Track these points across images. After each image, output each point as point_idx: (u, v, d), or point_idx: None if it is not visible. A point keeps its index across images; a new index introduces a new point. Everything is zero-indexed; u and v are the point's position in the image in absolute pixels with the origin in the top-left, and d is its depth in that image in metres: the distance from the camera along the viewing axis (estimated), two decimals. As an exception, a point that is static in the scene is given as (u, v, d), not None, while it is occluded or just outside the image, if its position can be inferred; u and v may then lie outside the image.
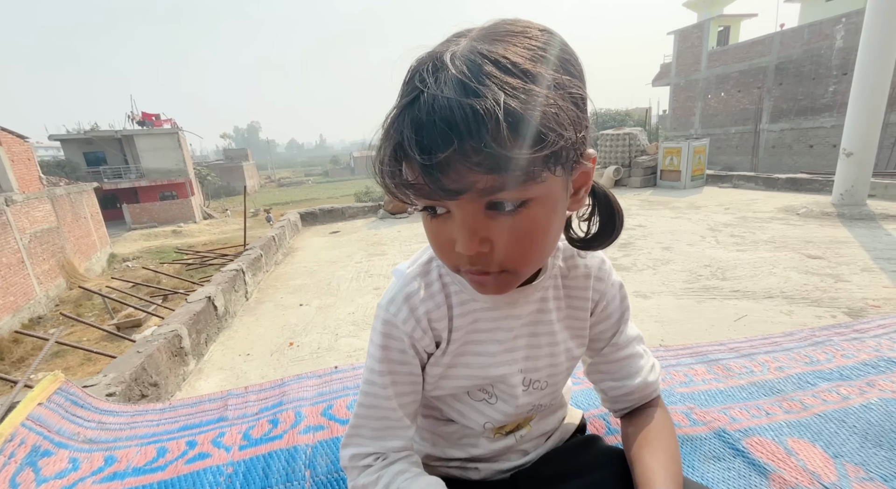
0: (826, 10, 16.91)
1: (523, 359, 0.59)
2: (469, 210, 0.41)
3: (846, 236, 3.03)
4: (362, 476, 0.57)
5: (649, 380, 0.65)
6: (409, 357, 0.57)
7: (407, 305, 0.55)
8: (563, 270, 0.60)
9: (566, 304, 0.60)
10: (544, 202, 0.42)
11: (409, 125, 0.38)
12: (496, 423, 0.63)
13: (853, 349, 1.51)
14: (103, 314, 9.79)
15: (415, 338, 0.56)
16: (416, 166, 0.38)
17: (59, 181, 16.41)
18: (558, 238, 0.49)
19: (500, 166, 0.37)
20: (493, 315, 0.56)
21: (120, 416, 1.12)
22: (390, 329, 0.56)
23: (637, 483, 0.55)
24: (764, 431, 1.10)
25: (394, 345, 0.56)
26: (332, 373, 1.31)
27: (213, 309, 2.12)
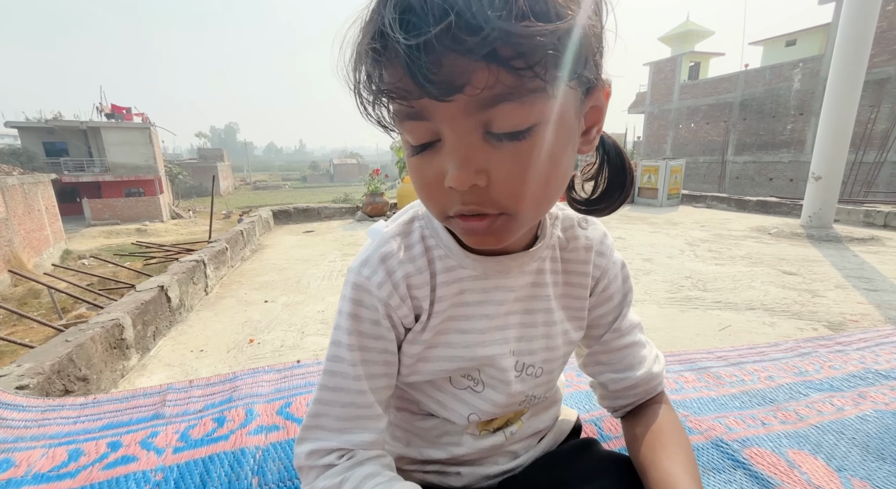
0: (786, 54, 18.23)
1: (516, 340, 0.51)
2: (464, 130, 0.33)
3: (817, 255, 3.11)
4: (322, 478, 0.44)
5: (654, 372, 0.57)
6: (384, 330, 0.46)
7: (383, 267, 0.46)
8: (562, 241, 0.52)
9: (563, 280, 0.52)
10: (555, 128, 0.34)
11: (392, 8, 0.29)
12: (483, 416, 0.52)
13: (840, 361, 1.49)
14: (51, 314, 9.07)
15: (391, 305, 0.45)
16: (400, 56, 0.29)
17: (13, 170, 15.38)
18: (567, 181, 0.40)
19: (506, 52, 0.29)
20: (483, 285, 0.48)
21: (27, 412, 0.93)
22: (362, 294, 0.45)
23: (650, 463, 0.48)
24: (762, 442, 1.03)
25: (366, 315, 0.46)
26: (293, 368, 1.16)
27: (165, 300, 1.92)
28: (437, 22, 0.28)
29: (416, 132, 0.35)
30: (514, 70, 0.30)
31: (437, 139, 0.35)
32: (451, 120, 0.33)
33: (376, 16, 0.31)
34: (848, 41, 3.45)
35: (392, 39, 0.29)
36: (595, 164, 0.49)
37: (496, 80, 0.30)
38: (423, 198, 0.40)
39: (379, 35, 0.30)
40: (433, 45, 0.28)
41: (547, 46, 0.29)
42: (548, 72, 0.31)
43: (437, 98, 0.31)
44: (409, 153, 0.38)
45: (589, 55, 0.34)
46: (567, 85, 0.33)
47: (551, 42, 0.30)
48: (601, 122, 0.41)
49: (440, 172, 0.35)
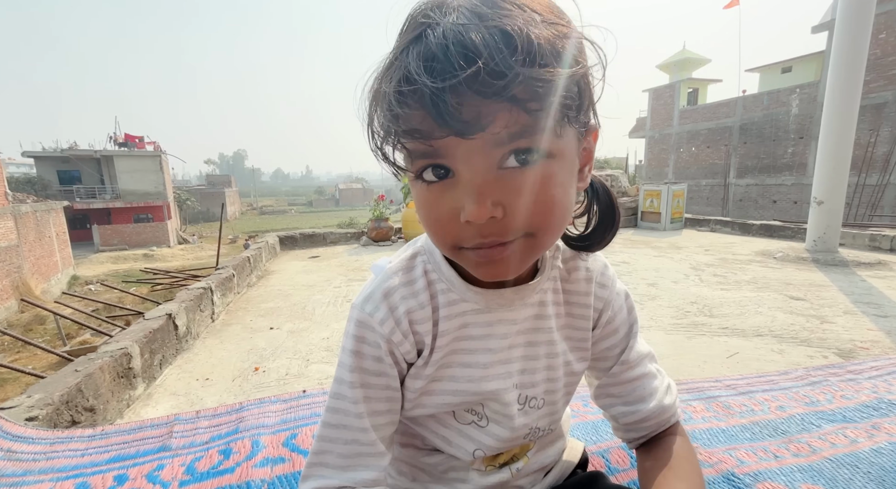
0: (782, 80, 18.62)
1: (519, 373, 0.51)
2: (480, 166, 0.35)
3: (824, 280, 3.09)
4: None
5: (665, 404, 0.56)
6: (386, 366, 0.47)
7: (386, 303, 0.47)
8: (563, 273, 0.53)
9: (566, 311, 0.53)
10: (563, 161, 0.37)
11: (416, 56, 0.32)
12: (488, 451, 0.52)
13: (851, 390, 1.47)
14: (55, 340, 9.06)
15: (393, 342, 0.46)
16: (425, 99, 0.32)
17: (27, 198, 15.75)
18: (572, 211, 0.43)
19: (525, 95, 0.32)
20: (486, 318, 0.48)
21: (36, 444, 0.93)
22: (365, 331, 0.47)
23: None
24: (775, 476, 1.01)
25: (368, 352, 0.47)
26: (299, 398, 1.16)
27: (172, 328, 1.93)
28: (464, 68, 0.30)
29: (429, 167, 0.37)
30: (531, 111, 0.33)
31: (450, 172, 0.37)
32: (468, 157, 0.35)
33: (400, 63, 0.34)
34: (841, 68, 3.54)
35: (420, 83, 0.31)
36: (584, 202, 0.51)
37: (515, 120, 0.33)
38: (435, 231, 0.40)
39: (405, 80, 0.33)
40: (458, 88, 0.31)
41: (560, 90, 0.33)
42: (559, 112, 0.34)
43: (462, 136, 0.33)
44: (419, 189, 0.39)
45: (588, 100, 0.38)
46: (571, 124, 0.37)
47: (564, 86, 0.33)
48: (591, 161, 0.44)
49: (454, 207, 0.37)
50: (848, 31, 3.52)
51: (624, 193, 6.25)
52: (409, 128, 0.34)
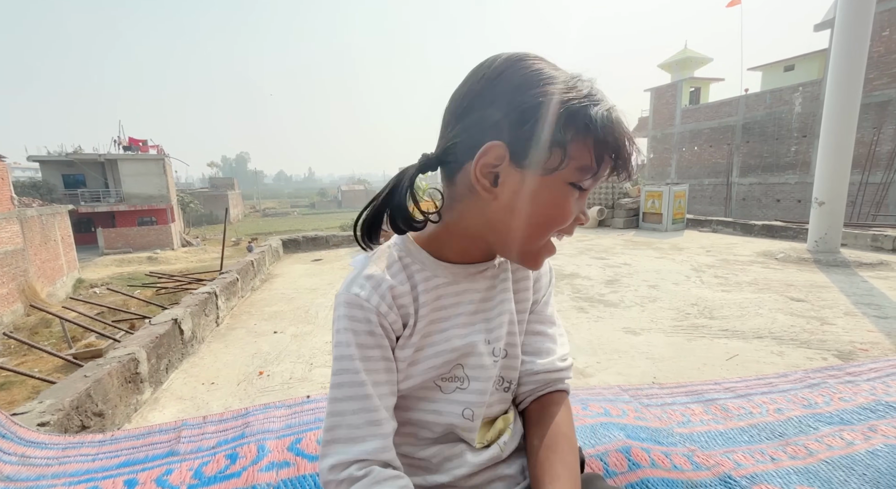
0: (784, 78, 18.53)
1: (485, 330, 0.60)
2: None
3: (825, 281, 3.09)
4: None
5: (558, 365, 0.63)
6: (379, 338, 0.53)
7: (369, 283, 0.53)
8: None
9: (513, 278, 0.63)
10: None
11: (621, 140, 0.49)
12: (475, 407, 0.58)
13: (850, 392, 1.48)
14: (61, 343, 9.13)
15: (381, 313, 0.52)
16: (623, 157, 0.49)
17: (33, 202, 15.87)
18: None
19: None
20: (454, 289, 0.58)
21: (49, 449, 0.96)
22: (355, 310, 0.52)
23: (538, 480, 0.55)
24: (771, 478, 1.03)
25: (362, 328, 0.52)
26: (303, 403, 1.18)
27: (178, 332, 1.96)
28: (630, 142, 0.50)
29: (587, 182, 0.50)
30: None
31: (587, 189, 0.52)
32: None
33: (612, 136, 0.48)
34: (841, 68, 3.54)
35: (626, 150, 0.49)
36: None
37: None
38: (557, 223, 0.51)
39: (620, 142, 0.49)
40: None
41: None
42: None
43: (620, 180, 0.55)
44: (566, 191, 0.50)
45: None
46: None
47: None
48: None
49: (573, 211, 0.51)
50: (848, 30, 3.51)
51: (625, 194, 6.26)
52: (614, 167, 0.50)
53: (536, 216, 0.50)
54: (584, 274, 3.58)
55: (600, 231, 6.10)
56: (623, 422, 1.22)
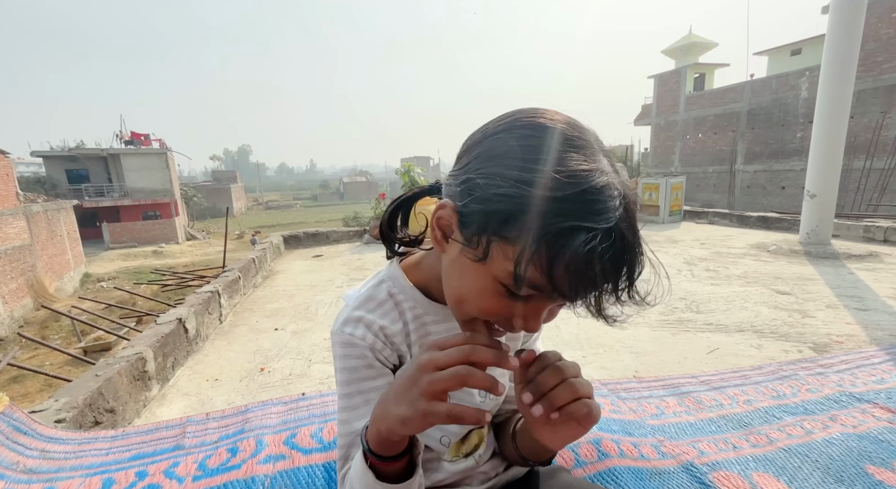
0: (791, 63, 18.24)
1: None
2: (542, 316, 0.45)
3: (812, 273, 3.14)
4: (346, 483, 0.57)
5: None
6: (379, 369, 0.57)
7: (362, 323, 0.57)
8: None
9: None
10: None
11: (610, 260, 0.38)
12: (452, 437, 0.63)
13: (817, 383, 1.55)
14: (70, 337, 9.35)
15: (376, 349, 0.57)
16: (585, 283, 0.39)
17: (38, 198, 16.04)
18: None
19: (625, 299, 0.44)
20: (445, 326, 0.59)
21: (66, 444, 1.06)
22: (350, 349, 0.57)
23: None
24: (731, 465, 1.11)
25: (359, 363, 0.57)
26: (298, 401, 1.28)
27: (183, 331, 2.06)
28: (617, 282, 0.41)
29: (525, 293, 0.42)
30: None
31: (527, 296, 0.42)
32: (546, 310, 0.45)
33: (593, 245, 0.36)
34: (835, 58, 3.52)
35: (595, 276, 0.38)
36: None
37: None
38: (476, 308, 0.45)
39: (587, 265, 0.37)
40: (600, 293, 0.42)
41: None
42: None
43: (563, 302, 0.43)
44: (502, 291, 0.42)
45: None
46: None
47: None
48: None
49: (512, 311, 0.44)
50: (842, 17, 3.45)
51: (622, 186, 6.26)
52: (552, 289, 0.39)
53: (459, 293, 0.46)
54: (577, 268, 3.65)
55: (598, 223, 6.11)
56: (598, 414, 1.31)
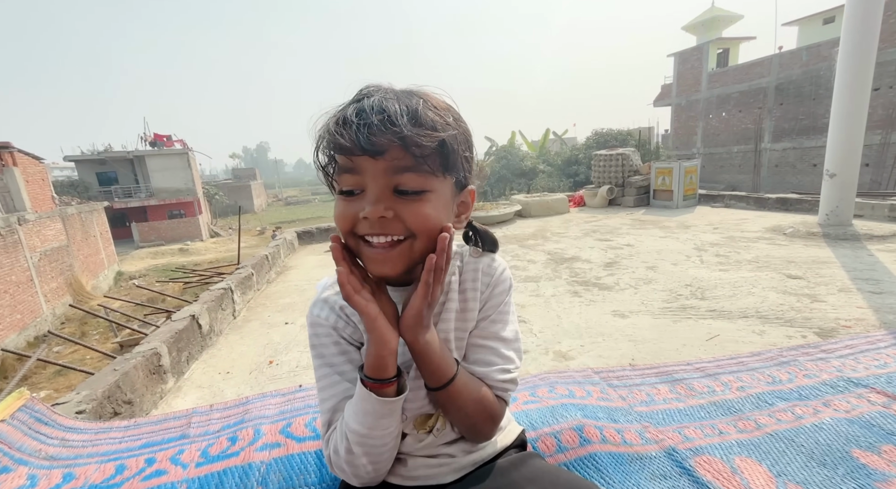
0: (823, 33, 17.23)
1: None
2: (381, 184, 0.54)
3: (828, 256, 3.04)
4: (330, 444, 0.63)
5: (495, 376, 0.68)
6: (344, 346, 0.65)
7: (326, 305, 0.66)
8: (461, 268, 0.71)
9: (460, 297, 0.70)
10: (437, 197, 0.58)
11: (353, 108, 0.54)
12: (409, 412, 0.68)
13: (816, 369, 1.53)
14: (108, 332, 9.87)
15: (338, 328, 0.65)
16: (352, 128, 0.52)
17: (72, 200, 16.83)
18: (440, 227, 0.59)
19: (408, 142, 0.52)
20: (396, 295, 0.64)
21: (84, 434, 1.16)
22: (316, 329, 0.66)
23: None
24: (714, 450, 1.12)
25: (326, 341, 0.65)
26: (295, 392, 1.35)
27: (196, 327, 2.17)
28: (377, 116, 0.52)
29: (348, 182, 0.56)
30: (413, 155, 0.53)
31: (360, 190, 0.56)
32: (374, 176, 0.54)
33: (342, 110, 0.55)
34: (855, 28, 3.33)
35: (350, 120, 0.52)
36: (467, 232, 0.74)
37: (403, 155, 0.53)
38: (341, 224, 0.58)
39: (343, 119, 0.54)
40: (371, 127, 0.51)
41: (431, 151, 0.54)
42: (433, 164, 0.55)
43: (370, 155, 0.53)
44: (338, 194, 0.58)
45: (458, 165, 0.59)
46: (445, 176, 0.57)
47: (433, 150, 0.54)
48: (468, 212, 0.66)
49: (357, 211, 0.55)
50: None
51: (636, 172, 6.13)
52: (339, 146, 0.54)
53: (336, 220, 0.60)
54: (584, 257, 3.63)
55: (609, 210, 6.04)
56: (584, 403, 1.33)
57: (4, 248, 9.78)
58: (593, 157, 6.75)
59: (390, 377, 0.59)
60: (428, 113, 0.54)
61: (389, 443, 0.63)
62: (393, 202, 0.55)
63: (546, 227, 5.19)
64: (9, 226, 10.02)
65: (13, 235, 10.18)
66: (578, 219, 5.63)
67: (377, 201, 0.54)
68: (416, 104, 0.54)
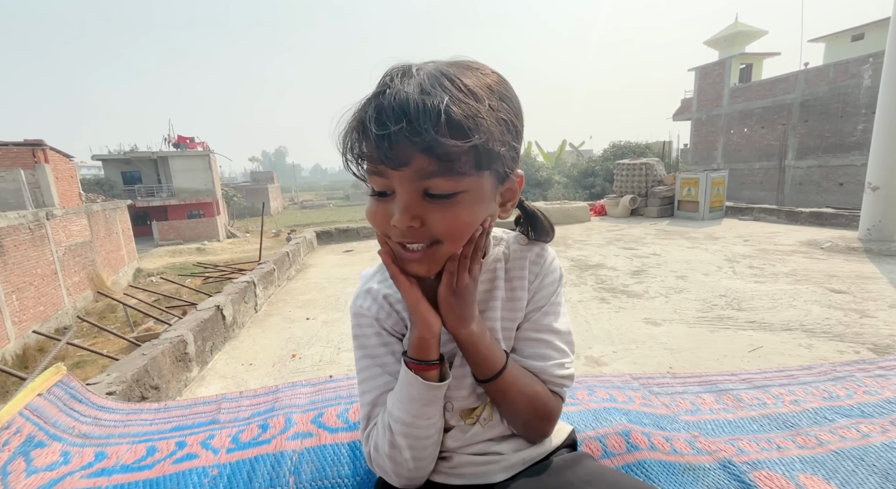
0: (851, 50, 16.92)
1: None
2: (409, 190, 0.49)
3: (873, 272, 2.90)
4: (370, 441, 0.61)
5: (553, 371, 0.65)
6: (386, 338, 0.62)
7: (369, 295, 0.64)
8: (507, 255, 0.67)
9: (507, 285, 0.66)
10: (472, 196, 0.51)
11: (373, 108, 0.47)
12: (456, 402, 0.65)
13: (877, 386, 1.43)
14: (124, 327, 10.03)
15: (380, 319, 0.62)
16: (371, 138, 0.46)
17: (97, 198, 17.31)
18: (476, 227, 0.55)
19: (435, 151, 0.45)
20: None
21: (116, 413, 1.13)
22: (360, 319, 0.63)
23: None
24: (774, 465, 1.04)
25: (368, 332, 0.63)
26: (325, 383, 1.31)
27: (220, 318, 2.16)
28: (396, 123, 0.44)
29: (378, 184, 0.51)
30: (441, 161, 0.46)
31: (392, 191, 0.51)
32: (401, 182, 0.49)
33: (361, 112, 0.48)
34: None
35: (369, 129, 0.46)
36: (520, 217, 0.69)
37: (430, 163, 0.46)
38: (374, 225, 0.55)
39: (361, 123, 0.48)
40: (391, 136, 0.45)
41: (462, 153, 0.46)
42: (465, 166, 0.48)
43: (392, 168, 0.47)
44: (370, 194, 0.54)
45: (497, 160, 0.51)
46: (480, 174, 0.50)
47: (465, 151, 0.46)
48: (515, 199, 0.60)
49: (389, 214, 0.51)
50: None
51: (660, 182, 6.02)
52: (364, 154, 0.50)
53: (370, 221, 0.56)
54: (610, 264, 3.54)
55: (632, 220, 5.92)
56: (628, 408, 1.26)
57: (32, 242, 10.07)
58: (616, 165, 6.66)
59: (433, 359, 0.57)
60: (458, 109, 0.45)
61: (434, 435, 0.60)
62: (422, 208, 0.50)
63: (567, 235, 5.11)
64: (37, 220, 10.33)
65: (41, 230, 10.49)
66: (600, 227, 5.54)
67: (405, 210, 0.49)
68: (442, 99, 0.45)
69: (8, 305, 8.89)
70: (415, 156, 0.46)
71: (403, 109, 0.45)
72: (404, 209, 0.49)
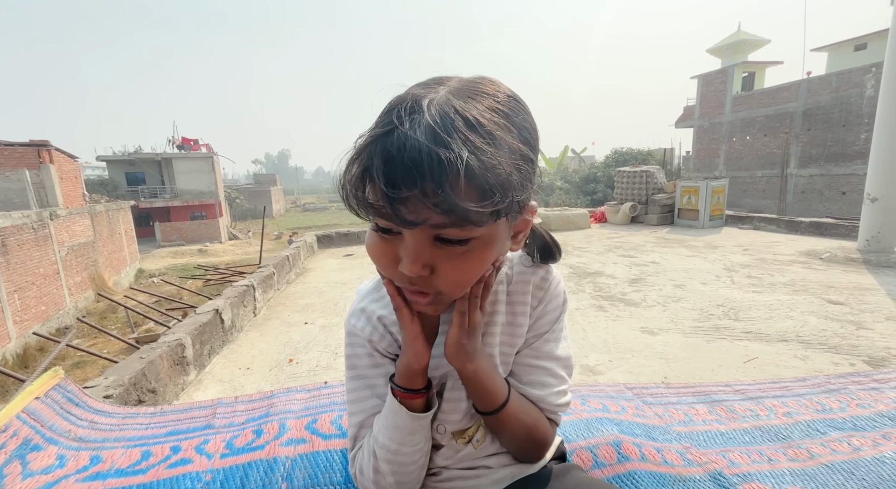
0: (854, 59, 16.96)
1: None
2: (419, 238, 0.45)
3: (872, 283, 2.90)
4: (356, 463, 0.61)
5: (551, 400, 0.64)
6: (378, 359, 0.62)
7: (363, 315, 0.62)
8: (510, 277, 0.65)
9: (508, 309, 0.64)
10: (486, 241, 0.48)
11: (380, 155, 0.41)
12: (449, 425, 0.64)
13: (870, 399, 1.43)
14: (125, 328, 10.05)
15: (374, 341, 0.61)
16: (380, 193, 0.41)
17: (101, 198, 17.40)
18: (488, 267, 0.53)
19: (452, 211, 0.41)
20: (444, 317, 0.60)
21: (112, 417, 1.15)
22: (353, 339, 0.62)
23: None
24: (764, 478, 1.04)
25: (360, 352, 0.62)
26: (320, 388, 1.32)
27: (219, 321, 2.17)
28: (408, 184, 0.39)
29: (383, 222, 0.46)
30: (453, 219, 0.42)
31: (398, 230, 0.46)
32: (411, 232, 0.45)
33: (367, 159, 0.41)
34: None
35: (377, 182, 0.40)
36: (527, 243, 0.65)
37: (445, 219, 0.42)
38: (379, 266, 0.51)
39: (367, 172, 0.41)
40: (404, 197, 0.40)
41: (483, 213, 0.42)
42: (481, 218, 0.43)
43: (404, 227, 0.44)
44: (373, 228, 0.49)
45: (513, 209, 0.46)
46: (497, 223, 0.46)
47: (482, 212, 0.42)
48: (527, 229, 0.56)
49: (394, 255, 0.48)
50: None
51: (660, 190, 6.03)
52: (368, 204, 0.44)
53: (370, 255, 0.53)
54: (608, 272, 3.55)
55: (632, 228, 5.93)
56: (620, 418, 1.26)
57: (35, 242, 10.12)
58: (616, 173, 6.68)
59: (419, 388, 0.57)
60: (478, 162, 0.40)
61: (419, 461, 0.60)
62: (432, 255, 0.46)
63: (567, 242, 5.12)
64: (41, 220, 10.39)
65: (44, 229, 10.54)
66: (600, 234, 5.54)
67: (415, 258, 0.46)
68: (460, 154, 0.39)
69: (10, 305, 8.92)
70: (430, 216, 0.42)
71: (416, 165, 0.39)
72: (414, 258, 0.46)
